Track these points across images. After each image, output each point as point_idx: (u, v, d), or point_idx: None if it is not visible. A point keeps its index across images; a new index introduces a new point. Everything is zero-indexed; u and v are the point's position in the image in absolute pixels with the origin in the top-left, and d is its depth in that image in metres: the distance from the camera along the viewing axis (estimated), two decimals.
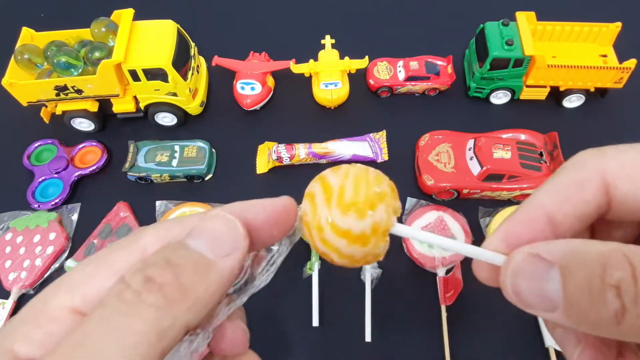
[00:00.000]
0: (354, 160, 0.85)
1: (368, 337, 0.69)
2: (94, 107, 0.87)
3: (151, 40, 0.83)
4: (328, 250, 0.25)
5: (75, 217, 0.81)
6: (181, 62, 0.85)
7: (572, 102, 0.92)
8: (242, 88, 0.91)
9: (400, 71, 0.93)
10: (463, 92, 0.96)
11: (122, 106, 0.88)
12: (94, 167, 0.85)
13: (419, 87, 0.93)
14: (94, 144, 0.88)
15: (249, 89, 0.91)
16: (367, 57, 0.91)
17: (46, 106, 0.88)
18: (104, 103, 0.88)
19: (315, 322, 0.70)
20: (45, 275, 0.76)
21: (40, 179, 0.84)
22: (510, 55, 0.84)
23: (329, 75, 0.90)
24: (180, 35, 0.86)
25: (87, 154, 0.88)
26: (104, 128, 0.92)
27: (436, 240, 0.25)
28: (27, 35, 0.87)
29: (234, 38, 1.06)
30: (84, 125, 0.90)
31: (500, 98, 0.93)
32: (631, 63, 0.84)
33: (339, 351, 0.69)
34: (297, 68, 0.91)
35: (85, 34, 0.88)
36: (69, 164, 0.85)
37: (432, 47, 0.97)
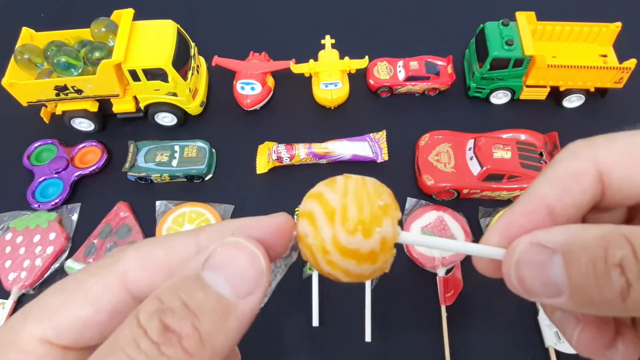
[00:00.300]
0: (354, 160, 0.85)
1: (368, 337, 0.69)
2: (94, 107, 0.87)
3: (151, 40, 0.83)
4: (335, 271, 0.23)
5: (75, 217, 0.82)
6: (181, 62, 0.85)
7: (572, 102, 0.92)
8: (242, 88, 0.91)
9: (400, 71, 0.93)
10: (463, 92, 0.96)
11: (122, 106, 0.88)
12: (94, 167, 0.85)
13: (419, 87, 0.93)
14: (94, 144, 0.88)
15: (249, 89, 0.91)
16: (367, 57, 0.91)
17: (46, 106, 0.88)
18: (104, 103, 0.88)
19: (315, 322, 0.70)
20: (45, 276, 0.76)
21: (40, 179, 0.84)
22: (510, 55, 0.84)
23: (329, 75, 0.90)
24: (180, 35, 0.86)
25: (87, 154, 0.88)
26: (104, 128, 0.92)
27: (438, 243, 0.24)
28: (27, 35, 0.87)
29: (234, 38, 1.06)
30: (84, 125, 0.90)
31: (500, 98, 0.93)
32: (631, 63, 0.84)
33: (339, 351, 0.69)
34: (297, 68, 0.91)
35: (85, 34, 0.88)
36: (69, 164, 0.85)
37: (432, 47, 0.97)
